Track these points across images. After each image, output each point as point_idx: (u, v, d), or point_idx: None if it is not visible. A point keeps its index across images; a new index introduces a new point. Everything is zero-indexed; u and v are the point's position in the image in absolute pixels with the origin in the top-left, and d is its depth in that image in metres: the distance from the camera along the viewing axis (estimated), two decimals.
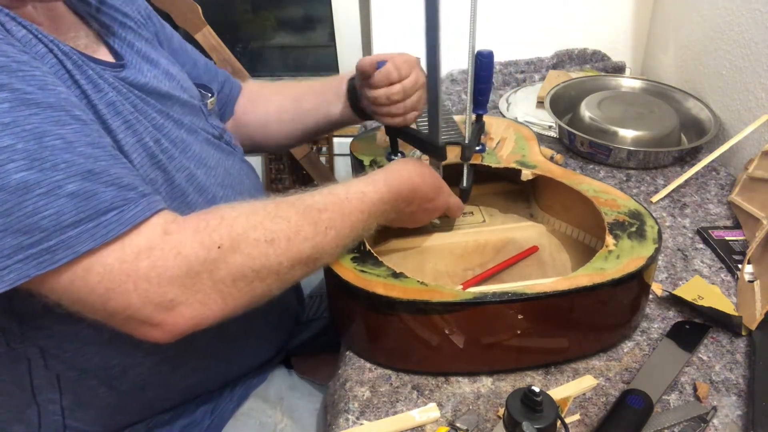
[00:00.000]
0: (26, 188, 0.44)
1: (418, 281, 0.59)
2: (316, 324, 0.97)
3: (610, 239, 0.64)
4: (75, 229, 0.45)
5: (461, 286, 0.67)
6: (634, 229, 0.65)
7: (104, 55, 0.62)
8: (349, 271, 0.61)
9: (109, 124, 0.54)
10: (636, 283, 0.61)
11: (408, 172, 0.65)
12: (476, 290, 0.59)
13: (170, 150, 0.61)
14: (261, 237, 0.52)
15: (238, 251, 0.51)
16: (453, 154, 0.79)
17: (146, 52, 0.67)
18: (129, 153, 0.55)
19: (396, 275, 0.60)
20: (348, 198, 0.59)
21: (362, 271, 0.61)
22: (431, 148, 0.72)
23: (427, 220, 0.72)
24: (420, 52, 0.80)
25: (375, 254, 0.63)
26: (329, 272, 0.62)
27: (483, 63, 0.73)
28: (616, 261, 0.61)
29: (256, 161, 1.67)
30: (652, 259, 0.61)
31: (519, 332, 0.59)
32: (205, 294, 0.50)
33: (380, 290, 0.58)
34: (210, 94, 0.77)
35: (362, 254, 0.63)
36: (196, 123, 0.68)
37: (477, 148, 0.80)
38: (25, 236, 0.44)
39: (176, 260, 0.49)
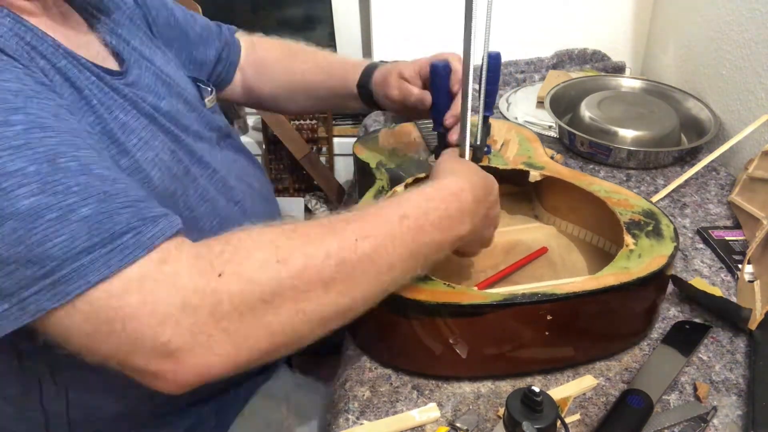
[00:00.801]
0: (37, 214, 0.40)
1: (445, 283, 0.58)
2: None
3: (629, 239, 0.64)
4: (88, 255, 0.40)
5: (475, 288, 0.67)
6: (650, 228, 0.66)
7: (109, 61, 0.61)
8: None
9: (125, 144, 0.53)
10: (660, 281, 0.62)
11: (463, 171, 0.58)
12: (505, 291, 0.58)
13: (185, 160, 0.59)
14: (271, 256, 0.44)
15: (241, 277, 0.43)
16: None
17: (142, 50, 0.65)
18: (148, 170, 0.54)
19: (421, 278, 0.59)
20: (380, 207, 0.51)
21: None
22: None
23: (495, 225, 0.63)
24: (418, 52, 0.80)
25: None
26: None
27: (490, 64, 0.73)
28: (639, 260, 0.61)
29: None
30: (673, 257, 0.62)
31: (547, 333, 0.58)
32: (208, 335, 0.42)
33: (407, 293, 0.57)
34: (209, 89, 0.74)
35: None
36: (201, 127, 0.67)
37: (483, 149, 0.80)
38: (36, 266, 0.40)
39: (170, 293, 0.42)
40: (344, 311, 0.48)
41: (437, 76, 0.73)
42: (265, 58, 0.89)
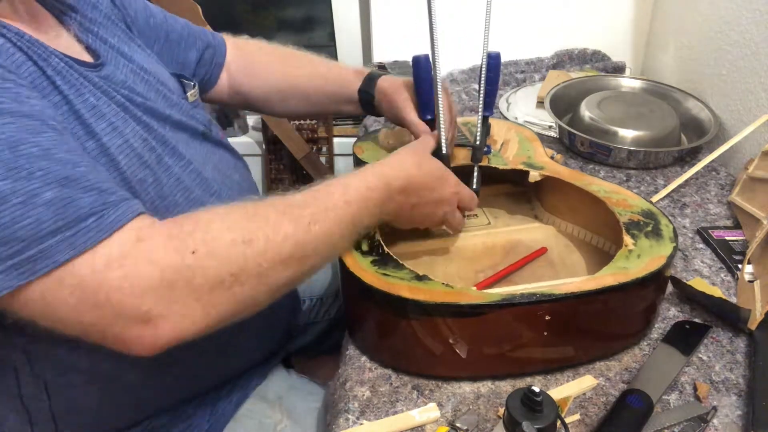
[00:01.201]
0: (2, 198, 0.42)
1: (443, 284, 0.58)
2: (317, 327, 0.97)
3: (628, 239, 0.64)
4: (53, 237, 0.43)
5: (474, 288, 0.67)
6: (649, 228, 0.66)
7: (83, 55, 0.60)
8: (370, 275, 0.59)
9: (93, 128, 0.53)
10: (658, 281, 0.62)
11: (402, 162, 0.63)
12: (503, 291, 0.58)
13: (157, 149, 0.59)
14: (237, 237, 0.49)
15: (213, 255, 0.48)
16: (461, 156, 0.79)
17: (120, 47, 0.65)
18: (115, 155, 0.54)
19: (419, 278, 0.59)
20: (329, 192, 0.57)
21: (384, 274, 0.60)
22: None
23: (438, 216, 0.68)
24: (418, 52, 0.80)
25: (395, 257, 0.62)
26: (349, 276, 0.61)
27: (490, 64, 0.73)
28: (638, 260, 0.61)
29: (255, 161, 1.67)
30: (672, 258, 0.62)
31: (545, 333, 0.58)
32: (183, 304, 0.47)
33: (406, 293, 0.57)
34: (191, 83, 0.74)
35: (382, 257, 0.62)
36: (180, 119, 0.66)
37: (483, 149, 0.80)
38: (3, 247, 0.43)
39: (149, 268, 0.46)
40: (299, 280, 0.56)
41: (419, 68, 0.74)
42: (256, 60, 0.88)
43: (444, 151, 0.72)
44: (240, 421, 0.72)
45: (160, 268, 0.46)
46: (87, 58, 0.60)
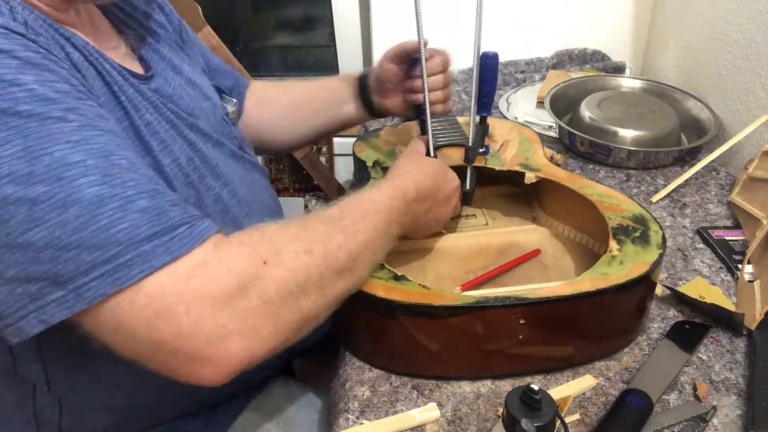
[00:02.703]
0: (100, 202, 0.42)
1: (420, 284, 0.59)
2: (320, 331, 0.96)
3: (613, 244, 0.63)
4: (150, 243, 0.42)
5: (459, 288, 0.67)
6: (638, 234, 0.65)
7: (135, 65, 0.61)
8: None
9: (150, 144, 0.54)
10: (640, 288, 0.61)
11: (408, 172, 0.65)
12: (478, 294, 0.58)
13: (201, 168, 0.60)
14: (300, 248, 0.49)
15: (281, 265, 0.48)
16: (458, 156, 0.79)
17: (171, 58, 0.66)
18: (167, 173, 0.55)
19: (397, 278, 0.60)
20: (360, 203, 0.58)
21: None
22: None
23: (448, 214, 0.71)
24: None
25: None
26: None
27: (488, 64, 0.72)
28: (620, 266, 0.60)
29: None
30: (656, 265, 0.61)
31: (521, 337, 0.58)
32: (256, 319, 0.45)
33: (381, 293, 0.58)
34: (232, 100, 0.75)
35: None
36: (220, 135, 0.67)
37: (480, 150, 0.80)
38: (100, 251, 0.42)
39: (228, 276, 0.44)
40: (348, 293, 0.55)
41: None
42: (263, 89, 0.91)
43: (431, 155, 0.73)
44: None
45: (236, 275, 0.45)
46: (138, 69, 0.61)
